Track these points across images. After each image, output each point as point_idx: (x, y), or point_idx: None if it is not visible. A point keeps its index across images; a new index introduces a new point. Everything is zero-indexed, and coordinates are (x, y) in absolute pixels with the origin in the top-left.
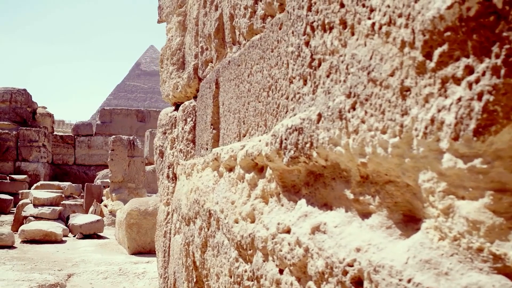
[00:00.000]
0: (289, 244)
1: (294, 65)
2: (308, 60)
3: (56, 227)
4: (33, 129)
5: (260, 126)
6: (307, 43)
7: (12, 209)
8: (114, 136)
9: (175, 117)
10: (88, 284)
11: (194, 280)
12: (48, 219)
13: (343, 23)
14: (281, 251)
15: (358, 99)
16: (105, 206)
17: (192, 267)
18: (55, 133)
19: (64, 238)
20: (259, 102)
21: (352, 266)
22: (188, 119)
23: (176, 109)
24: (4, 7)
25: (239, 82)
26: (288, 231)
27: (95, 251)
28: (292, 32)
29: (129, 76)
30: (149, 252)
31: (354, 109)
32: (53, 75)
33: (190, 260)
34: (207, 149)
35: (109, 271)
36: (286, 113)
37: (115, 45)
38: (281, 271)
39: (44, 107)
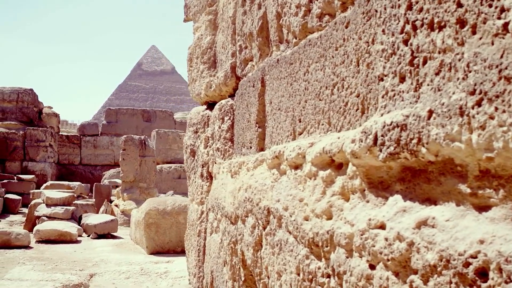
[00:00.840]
0: (386, 239)
1: (385, 63)
2: (408, 58)
3: (71, 227)
4: (40, 129)
5: (322, 124)
6: (405, 41)
7: (21, 209)
8: (125, 136)
9: (208, 116)
10: (111, 284)
11: (243, 278)
12: (61, 219)
13: (461, 22)
14: (374, 246)
15: (485, 96)
16: (116, 206)
17: (240, 266)
18: (60, 133)
19: (78, 238)
20: (320, 100)
21: (475, 257)
22: (226, 118)
23: (209, 108)
24: (4, 7)
25: (292, 80)
26: (381, 227)
27: (112, 251)
28: (383, 31)
29: (131, 76)
30: (168, 252)
31: (479, 105)
32: (53, 75)
33: (237, 259)
34: (250, 147)
35: (130, 271)
36: (356, 110)
37: (116, 45)
38: (372, 266)
39: (50, 107)
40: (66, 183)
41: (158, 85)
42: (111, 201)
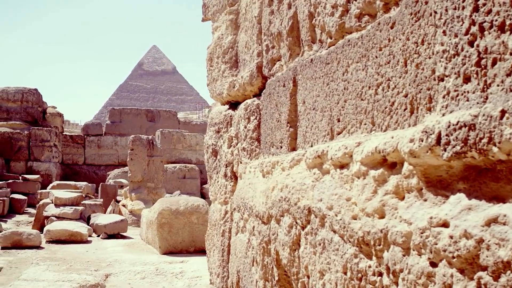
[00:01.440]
0: (450, 237)
1: (447, 63)
2: (475, 59)
3: (81, 227)
4: (45, 128)
5: (365, 124)
6: (471, 43)
7: (26, 209)
8: (133, 136)
9: (231, 116)
10: (126, 284)
11: (276, 278)
12: (70, 219)
13: None
14: (436, 244)
15: None
16: (124, 205)
17: (274, 265)
18: (64, 133)
19: (89, 238)
20: (362, 100)
21: None
22: (252, 118)
23: (231, 107)
24: (4, 7)
25: (328, 80)
26: (444, 225)
27: (125, 251)
28: (444, 32)
29: (132, 76)
30: (181, 252)
31: None
32: (54, 74)
33: (269, 259)
34: (281, 147)
35: (145, 271)
36: (404, 110)
37: (116, 45)
38: (433, 264)
39: (54, 107)
40: (73, 183)
41: (159, 85)
42: (117, 201)
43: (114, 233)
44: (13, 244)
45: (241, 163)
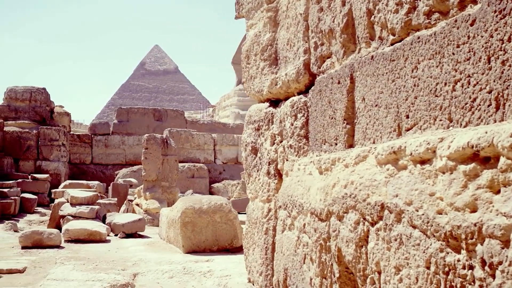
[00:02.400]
0: None
1: None
2: None
3: (99, 226)
4: (54, 128)
5: (440, 120)
6: None
7: (36, 208)
8: (147, 135)
9: (272, 113)
10: (155, 283)
11: (337, 275)
12: (86, 218)
13: None
14: None
15: None
16: (137, 205)
17: (333, 262)
18: (71, 132)
19: (107, 238)
20: (437, 96)
21: None
22: (299, 115)
23: (272, 105)
24: (3, 6)
25: (394, 76)
26: None
27: (146, 250)
28: None
29: (134, 75)
30: (204, 251)
31: None
32: (55, 74)
33: (328, 256)
34: (336, 144)
35: (173, 270)
36: (488, 106)
37: (117, 45)
38: None
39: (61, 106)
40: (85, 182)
41: (161, 84)
42: (128, 200)
43: (132, 232)
44: (34, 243)
45: (287, 160)
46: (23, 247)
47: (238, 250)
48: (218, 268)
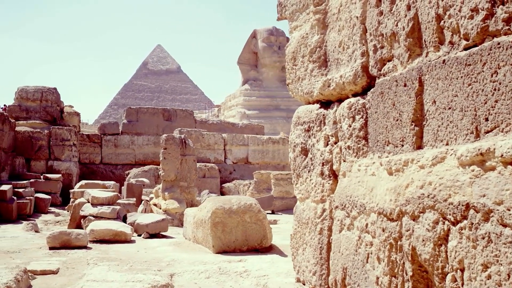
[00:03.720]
0: None
1: None
2: None
3: (124, 227)
4: (65, 128)
5: None
6: None
7: (49, 208)
8: (166, 135)
9: (323, 115)
10: (193, 284)
11: (410, 273)
12: (108, 219)
13: None
14: None
15: None
16: (155, 205)
17: (407, 261)
18: (80, 132)
19: (131, 238)
20: None
21: None
22: (357, 116)
23: (323, 106)
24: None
25: (470, 80)
26: None
27: (175, 251)
28: None
29: (137, 75)
30: (234, 251)
31: None
32: (56, 73)
33: (399, 255)
34: (402, 145)
35: (209, 271)
36: None
37: (120, 44)
38: None
39: (71, 106)
40: (101, 182)
41: (163, 84)
42: (141, 201)
43: (155, 233)
44: (62, 244)
45: (344, 161)
46: (50, 248)
47: (267, 250)
48: (254, 268)
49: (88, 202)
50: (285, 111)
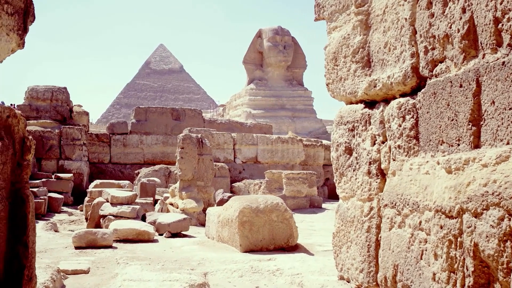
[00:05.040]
0: None
1: None
2: None
3: (146, 226)
4: (76, 127)
5: None
6: None
7: (62, 208)
8: (183, 134)
9: (369, 114)
10: (227, 282)
11: (471, 269)
12: (128, 218)
13: None
14: None
15: None
16: (171, 204)
17: (468, 257)
18: (89, 131)
19: (154, 237)
20: None
21: None
22: (408, 116)
23: (367, 106)
24: None
25: None
26: None
27: (201, 250)
28: None
29: (139, 75)
30: (261, 249)
31: None
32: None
33: (459, 251)
34: (458, 144)
35: (241, 269)
36: None
37: (122, 43)
38: None
39: (80, 105)
40: (116, 181)
41: (166, 83)
42: (155, 200)
43: (176, 232)
44: (88, 243)
45: (393, 160)
46: (76, 247)
47: (293, 249)
48: (286, 267)
49: (107, 201)
50: (291, 111)
